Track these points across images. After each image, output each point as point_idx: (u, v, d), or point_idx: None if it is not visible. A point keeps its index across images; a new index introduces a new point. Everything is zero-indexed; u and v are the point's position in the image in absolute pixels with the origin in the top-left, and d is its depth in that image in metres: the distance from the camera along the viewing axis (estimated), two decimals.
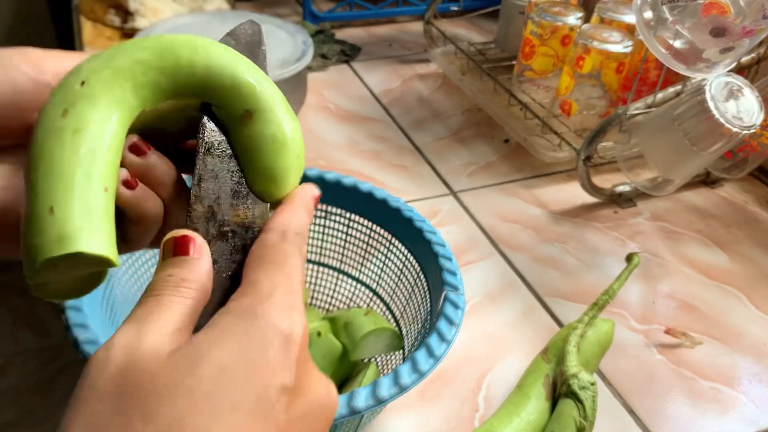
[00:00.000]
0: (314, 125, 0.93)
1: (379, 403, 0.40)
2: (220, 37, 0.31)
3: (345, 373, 0.55)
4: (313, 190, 0.30)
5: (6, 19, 1.64)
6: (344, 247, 0.61)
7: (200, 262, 0.25)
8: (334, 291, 0.62)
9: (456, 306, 0.47)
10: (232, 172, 0.28)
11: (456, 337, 0.45)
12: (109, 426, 0.20)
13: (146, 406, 0.21)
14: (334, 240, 0.61)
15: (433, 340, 0.44)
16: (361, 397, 0.40)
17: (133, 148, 0.27)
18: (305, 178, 0.59)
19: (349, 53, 1.11)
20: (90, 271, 0.27)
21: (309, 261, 0.62)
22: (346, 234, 0.60)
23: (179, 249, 0.25)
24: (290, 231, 0.27)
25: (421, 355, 0.43)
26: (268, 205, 0.29)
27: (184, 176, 0.30)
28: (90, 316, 0.43)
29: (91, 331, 0.42)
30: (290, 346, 0.23)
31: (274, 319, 0.23)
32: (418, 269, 0.54)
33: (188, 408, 0.21)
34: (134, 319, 0.23)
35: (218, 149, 0.28)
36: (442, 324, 0.45)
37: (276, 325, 0.23)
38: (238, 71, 0.27)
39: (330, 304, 0.62)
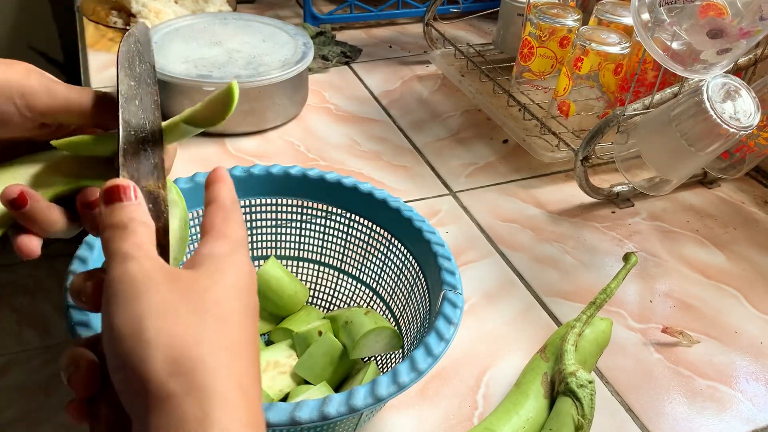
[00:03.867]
0: (315, 126, 0.93)
1: (378, 401, 0.41)
2: (219, 37, 0.34)
3: (345, 372, 0.56)
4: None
5: (9, 22, 1.65)
6: (345, 247, 0.61)
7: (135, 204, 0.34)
8: (334, 290, 0.63)
9: (455, 305, 0.47)
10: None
11: (455, 336, 0.45)
12: (176, 303, 0.30)
13: (190, 300, 0.30)
14: (334, 240, 0.61)
15: (431, 339, 0.45)
16: (360, 395, 0.41)
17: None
18: (308, 179, 0.61)
19: (349, 55, 1.11)
20: None
21: (310, 261, 0.63)
22: (347, 234, 0.60)
23: (114, 197, 0.33)
24: (234, 200, 0.37)
25: (419, 354, 0.43)
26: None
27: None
28: (92, 314, 0.43)
29: (94, 329, 0.42)
30: (254, 277, 0.34)
31: (246, 261, 0.34)
32: (418, 269, 0.55)
33: (212, 305, 0.31)
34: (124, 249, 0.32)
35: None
36: (440, 323, 0.46)
37: (248, 265, 0.34)
38: None
39: (330, 303, 0.63)
